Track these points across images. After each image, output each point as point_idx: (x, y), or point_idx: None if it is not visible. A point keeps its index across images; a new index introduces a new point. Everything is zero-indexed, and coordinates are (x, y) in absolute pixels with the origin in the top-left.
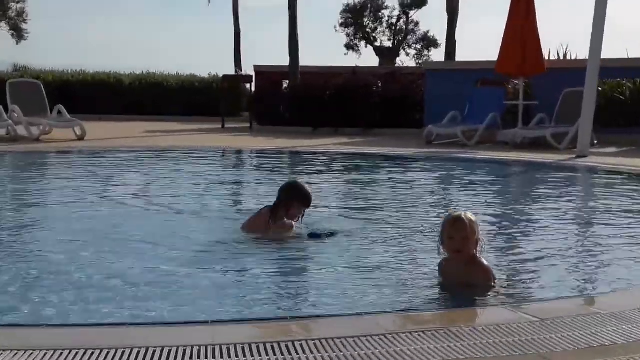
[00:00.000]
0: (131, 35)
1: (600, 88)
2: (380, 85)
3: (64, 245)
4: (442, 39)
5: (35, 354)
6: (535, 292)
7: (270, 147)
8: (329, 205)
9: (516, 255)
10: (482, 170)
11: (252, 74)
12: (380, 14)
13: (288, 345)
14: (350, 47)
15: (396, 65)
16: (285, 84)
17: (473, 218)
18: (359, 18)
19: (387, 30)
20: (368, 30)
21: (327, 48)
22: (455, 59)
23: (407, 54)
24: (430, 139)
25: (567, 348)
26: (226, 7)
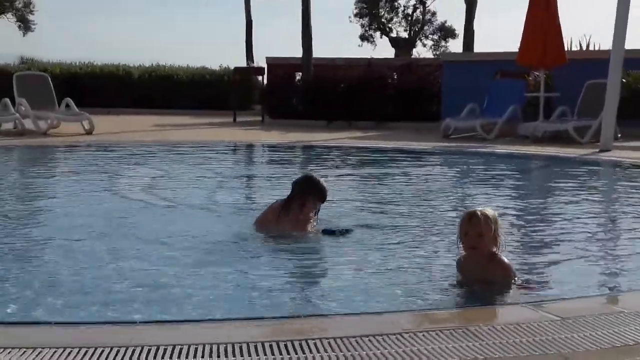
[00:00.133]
0: (140, 28)
1: (624, 79)
2: (395, 77)
3: (71, 241)
4: (460, 29)
5: (44, 352)
6: (557, 290)
7: (283, 141)
8: (344, 201)
9: (537, 252)
10: (502, 164)
11: (264, 66)
12: (396, 4)
13: (302, 344)
14: (365, 38)
15: (412, 56)
16: (298, 76)
17: (490, 214)
18: (374, 8)
19: (403, 21)
20: (383, 20)
21: (341, 39)
22: (474, 50)
23: (423, 45)
24: (448, 132)
25: (590, 348)
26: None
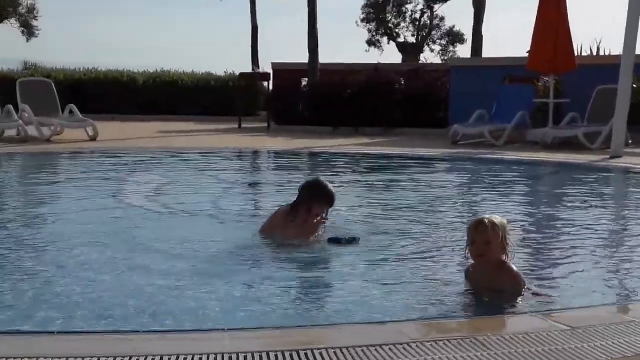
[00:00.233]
0: (144, 33)
1: (634, 85)
2: (402, 82)
3: (74, 249)
4: (468, 34)
5: None
6: (566, 299)
7: (289, 147)
8: (351, 209)
9: (546, 260)
10: (511, 171)
11: (270, 71)
12: (403, 9)
13: (307, 354)
14: (371, 43)
15: (420, 61)
16: (304, 81)
17: (497, 221)
18: (381, 13)
19: (410, 25)
20: (390, 25)
21: (348, 44)
22: (482, 54)
23: (431, 50)
24: (456, 138)
25: (600, 357)
26: (242, 2)
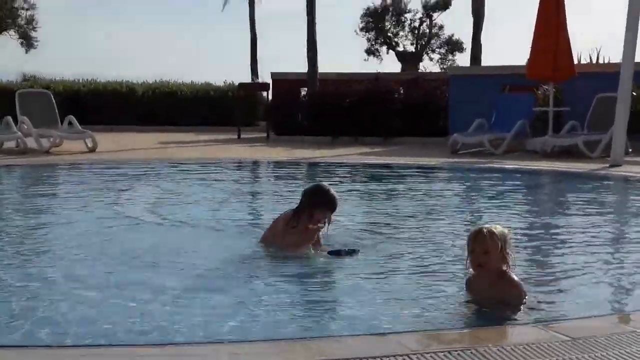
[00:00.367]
0: (143, 43)
1: (634, 93)
2: (402, 91)
3: (73, 261)
4: (467, 42)
5: None
6: (567, 309)
7: (289, 157)
8: (351, 219)
9: (547, 270)
10: (511, 180)
11: (269, 81)
12: (402, 18)
13: None
14: (371, 52)
15: (419, 70)
16: (303, 91)
17: (497, 231)
18: (380, 22)
19: (409, 34)
20: (390, 34)
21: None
22: (481, 63)
23: (430, 59)
24: (456, 148)
25: None
26: (242, 13)
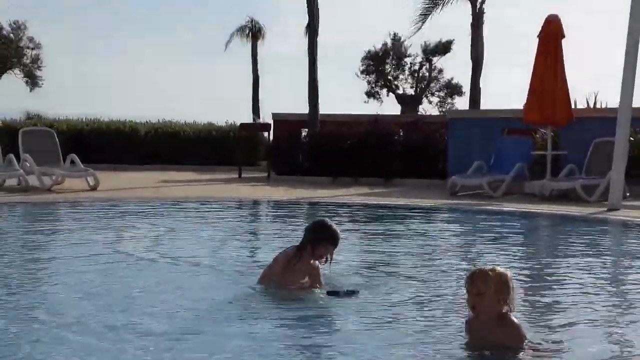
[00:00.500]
0: (147, 83)
1: (632, 138)
2: (402, 134)
3: (72, 300)
4: (466, 86)
5: None
6: (568, 354)
7: (289, 197)
8: (350, 259)
9: (546, 314)
10: (510, 223)
11: (270, 121)
12: (402, 61)
13: None
14: (371, 94)
15: (419, 113)
16: (304, 132)
17: (493, 273)
18: (381, 65)
19: (409, 77)
20: (390, 77)
21: (347, 95)
22: (480, 106)
23: (429, 102)
24: (455, 189)
25: None
26: (244, 53)
